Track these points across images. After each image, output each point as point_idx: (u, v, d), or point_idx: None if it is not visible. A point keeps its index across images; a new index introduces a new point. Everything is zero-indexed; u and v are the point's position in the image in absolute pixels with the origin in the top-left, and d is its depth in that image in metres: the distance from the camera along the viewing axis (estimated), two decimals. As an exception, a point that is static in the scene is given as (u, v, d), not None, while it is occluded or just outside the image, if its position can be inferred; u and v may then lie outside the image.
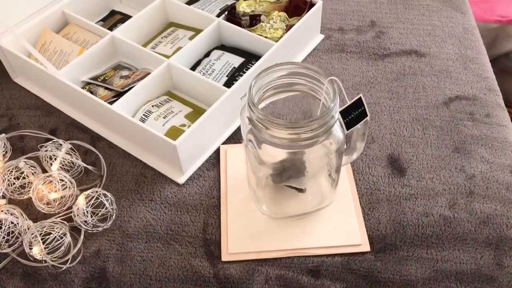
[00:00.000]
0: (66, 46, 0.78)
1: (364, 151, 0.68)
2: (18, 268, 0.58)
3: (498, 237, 0.59)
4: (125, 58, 0.79)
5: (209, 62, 0.75)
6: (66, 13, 0.82)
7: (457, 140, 0.69)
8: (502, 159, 0.67)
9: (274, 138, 0.48)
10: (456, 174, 0.65)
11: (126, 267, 0.58)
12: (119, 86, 0.73)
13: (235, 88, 0.67)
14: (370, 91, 0.76)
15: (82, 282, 0.57)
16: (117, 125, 0.68)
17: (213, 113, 0.64)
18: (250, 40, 0.76)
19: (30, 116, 0.74)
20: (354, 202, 0.62)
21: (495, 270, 0.57)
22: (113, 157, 0.68)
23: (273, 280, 0.56)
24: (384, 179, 0.65)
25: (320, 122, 0.46)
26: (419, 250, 0.58)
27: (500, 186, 0.64)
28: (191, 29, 0.82)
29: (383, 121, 0.72)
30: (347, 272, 0.57)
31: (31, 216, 0.62)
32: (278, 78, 0.51)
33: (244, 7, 0.80)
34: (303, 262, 0.58)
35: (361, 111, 0.52)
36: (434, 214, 0.61)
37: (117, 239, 0.60)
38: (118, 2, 0.92)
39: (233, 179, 0.65)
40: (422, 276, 0.56)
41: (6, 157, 0.67)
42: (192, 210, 0.63)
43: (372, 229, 0.60)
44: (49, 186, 0.60)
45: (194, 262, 0.58)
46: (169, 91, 0.75)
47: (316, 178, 0.59)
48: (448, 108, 0.73)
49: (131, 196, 0.64)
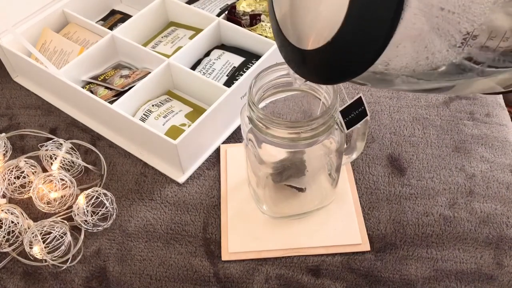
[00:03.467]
0: (66, 46, 0.78)
1: (364, 150, 0.68)
2: (19, 268, 0.58)
3: (498, 236, 0.59)
4: (125, 58, 0.79)
5: (209, 62, 0.75)
6: (66, 12, 0.82)
7: (457, 140, 0.69)
8: (502, 158, 0.67)
9: (274, 137, 0.48)
10: (456, 173, 0.65)
11: (126, 267, 0.58)
12: (119, 85, 0.73)
13: (235, 88, 0.67)
14: (370, 91, 0.76)
15: (83, 281, 0.57)
16: (117, 124, 0.68)
17: (213, 113, 0.64)
18: (250, 39, 0.76)
19: (30, 116, 0.74)
20: (354, 202, 0.62)
21: (495, 270, 0.57)
22: (113, 157, 0.68)
23: (273, 279, 0.56)
24: (384, 179, 0.65)
25: (320, 122, 0.46)
26: (419, 250, 0.58)
27: (500, 185, 0.64)
28: (191, 29, 0.82)
29: (383, 120, 0.72)
30: (347, 272, 0.57)
31: (32, 215, 0.62)
32: (278, 77, 0.51)
33: (244, 7, 0.80)
34: (303, 262, 0.58)
35: (361, 110, 0.52)
36: (434, 214, 0.61)
37: (117, 239, 0.60)
38: (118, 2, 0.92)
39: (233, 178, 0.65)
40: (422, 276, 0.56)
41: (7, 156, 0.67)
42: (192, 209, 0.63)
43: (372, 229, 0.60)
44: (50, 185, 0.60)
45: (194, 262, 0.58)
46: (169, 91, 0.75)
47: (316, 177, 0.59)
48: (448, 108, 0.73)
49: (131, 195, 0.64)
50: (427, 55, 0.30)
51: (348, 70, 0.32)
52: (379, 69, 0.31)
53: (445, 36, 0.29)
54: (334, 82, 0.36)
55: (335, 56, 0.32)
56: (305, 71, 0.37)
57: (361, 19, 0.29)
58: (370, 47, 0.30)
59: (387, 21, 0.28)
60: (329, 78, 0.36)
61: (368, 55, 0.30)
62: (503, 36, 0.29)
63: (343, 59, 0.32)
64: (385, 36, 0.29)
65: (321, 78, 0.37)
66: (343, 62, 0.32)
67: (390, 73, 0.32)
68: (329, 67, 0.34)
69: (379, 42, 0.29)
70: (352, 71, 0.32)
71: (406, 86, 0.35)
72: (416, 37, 0.29)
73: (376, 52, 0.30)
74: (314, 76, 0.37)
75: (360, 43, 0.30)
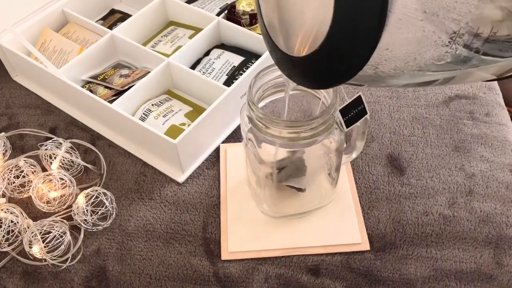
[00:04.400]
0: (66, 45, 0.78)
1: (364, 150, 0.68)
2: (18, 267, 0.58)
3: (498, 236, 0.59)
4: (125, 57, 0.79)
5: (209, 61, 0.75)
6: (66, 12, 0.82)
7: (456, 139, 0.69)
8: (501, 158, 0.67)
9: (274, 137, 0.48)
10: (455, 173, 0.65)
11: (126, 266, 0.58)
12: (119, 85, 0.73)
13: (235, 87, 0.67)
14: (370, 90, 0.76)
15: (82, 281, 0.57)
16: (117, 124, 0.68)
17: (213, 112, 0.64)
18: (250, 39, 0.76)
19: (30, 115, 0.74)
20: (354, 201, 0.62)
21: (494, 269, 0.57)
22: (113, 156, 0.68)
23: (273, 278, 0.56)
24: (384, 178, 0.65)
25: (320, 121, 0.46)
26: (419, 249, 0.58)
27: (500, 185, 0.64)
28: (191, 28, 0.82)
29: (383, 120, 0.72)
30: (346, 271, 0.57)
31: (31, 214, 0.62)
32: (278, 77, 0.51)
33: (244, 6, 0.80)
34: (303, 261, 0.58)
35: (361, 109, 0.52)
36: (434, 213, 0.61)
37: (117, 238, 0.60)
38: (118, 1, 0.92)
39: (233, 178, 0.65)
40: (421, 275, 0.56)
41: (6, 155, 0.67)
42: (192, 209, 0.63)
43: (371, 228, 0.60)
44: (49, 184, 0.60)
45: (194, 261, 0.58)
46: (169, 90, 0.75)
47: (316, 177, 0.59)
48: (448, 107, 0.73)
49: (131, 195, 0.64)
50: (415, 56, 0.31)
51: (337, 76, 0.33)
52: (368, 73, 0.32)
53: (431, 37, 0.29)
54: (324, 87, 0.36)
55: (323, 63, 0.32)
56: (295, 76, 0.38)
57: (346, 27, 0.29)
58: (357, 53, 0.30)
59: (372, 28, 0.28)
60: (319, 84, 0.37)
61: (355, 61, 0.31)
62: (490, 30, 0.29)
63: (331, 66, 0.32)
64: (371, 42, 0.29)
65: (311, 83, 0.38)
66: (331, 69, 0.33)
67: (380, 76, 0.33)
68: (318, 73, 0.34)
69: (365, 48, 0.29)
70: (341, 77, 0.33)
71: (398, 82, 0.35)
72: (402, 41, 0.30)
73: (364, 58, 0.30)
74: (304, 82, 0.38)
75: (347, 51, 0.30)
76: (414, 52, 0.30)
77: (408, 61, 0.31)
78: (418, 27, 0.29)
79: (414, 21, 0.28)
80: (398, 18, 0.28)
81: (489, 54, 0.31)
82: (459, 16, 0.28)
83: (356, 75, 0.32)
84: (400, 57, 0.31)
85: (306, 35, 0.33)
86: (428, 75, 0.33)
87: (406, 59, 0.31)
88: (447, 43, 0.29)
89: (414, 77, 0.33)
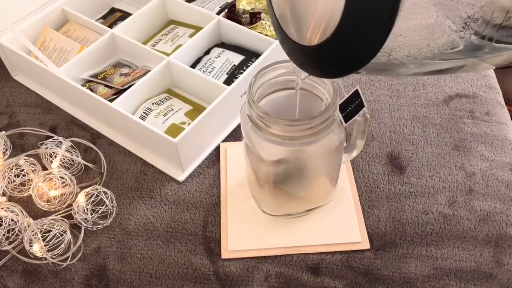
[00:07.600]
0: (66, 44, 0.78)
1: (364, 149, 0.68)
2: (19, 266, 0.58)
3: (498, 234, 0.59)
4: (125, 56, 0.79)
5: (209, 60, 0.75)
6: (66, 10, 0.82)
7: (457, 138, 0.69)
8: (502, 157, 0.67)
9: (274, 135, 0.48)
10: (456, 172, 0.65)
11: (126, 265, 0.58)
12: (119, 83, 0.73)
13: (235, 86, 0.67)
14: (370, 89, 0.76)
15: (82, 280, 0.57)
16: (117, 122, 0.68)
17: (213, 111, 0.64)
18: (250, 37, 0.76)
19: (30, 114, 0.74)
20: (353, 200, 0.62)
21: (494, 268, 0.57)
22: (113, 155, 0.68)
23: (273, 277, 0.56)
24: (384, 177, 0.65)
25: (320, 120, 0.46)
26: (419, 248, 0.58)
27: (500, 184, 0.64)
28: (191, 27, 0.82)
29: (383, 118, 0.72)
30: (346, 270, 0.57)
31: (31, 213, 0.62)
32: (278, 75, 0.51)
33: (244, 5, 0.80)
34: (303, 260, 0.58)
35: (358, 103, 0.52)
36: (434, 212, 0.61)
37: (117, 237, 0.60)
38: (118, 0, 0.92)
39: (233, 176, 0.65)
40: (421, 274, 0.56)
41: (6, 154, 0.67)
42: (192, 207, 0.63)
43: (371, 227, 0.60)
44: (49, 183, 0.60)
45: (194, 260, 0.58)
46: (169, 89, 0.75)
47: (316, 176, 0.59)
48: (448, 106, 0.73)
49: (131, 193, 0.64)
50: (428, 43, 0.30)
51: (350, 64, 0.32)
52: (381, 61, 0.31)
53: (445, 22, 0.29)
54: (337, 75, 0.36)
55: (336, 52, 0.32)
56: (307, 66, 0.37)
57: (359, 14, 0.29)
58: (370, 40, 0.30)
59: (386, 14, 0.28)
60: (332, 73, 0.36)
61: (368, 48, 0.30)
62: (506, 15, 0.29)
63: (344, 54, 0.32)
64: (384, 29, 0.28)
65: (323, 72, 0.37)
66: (344, 57, 0.32)
67: (392, 63, 0.32)
68: (330, 62, 0.34)
69: (379, 35, 0.29)
70: (354, 65, 0.32)
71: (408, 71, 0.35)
72: (416, 26, 0.29)
73: (377, 45, 0.30)
74: (317, 71, 0.37)
75: (360, 38, 0.30)
76: (428, 38, 0.30)
77: (421, 47, 0.31)
78: (431, 12, 0.28)
79: (427, 6, 0.28)
80: (411, 3, 0.28)
81: (501, 41, 0.31)
82: (473, 0, 0.28)
83: (368, 62, 0.31)
84: (414, 44, 0.30)
85: (318, 23, 0.33)
86: (439, 63, 0.33)
87: (419, 45, 0.31)
88: (461, 28, 0.29)
89: (426, 66, 0.33)
